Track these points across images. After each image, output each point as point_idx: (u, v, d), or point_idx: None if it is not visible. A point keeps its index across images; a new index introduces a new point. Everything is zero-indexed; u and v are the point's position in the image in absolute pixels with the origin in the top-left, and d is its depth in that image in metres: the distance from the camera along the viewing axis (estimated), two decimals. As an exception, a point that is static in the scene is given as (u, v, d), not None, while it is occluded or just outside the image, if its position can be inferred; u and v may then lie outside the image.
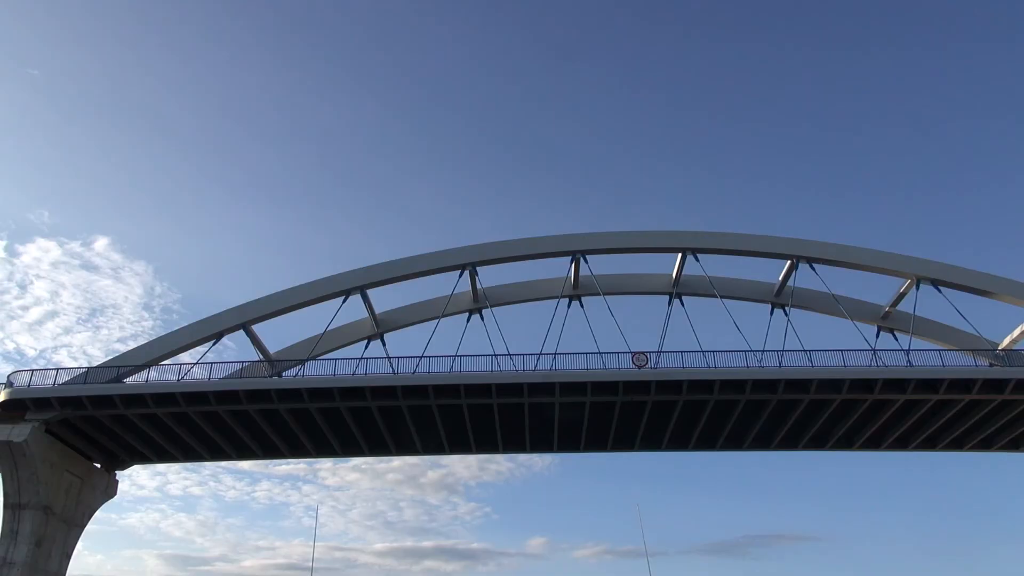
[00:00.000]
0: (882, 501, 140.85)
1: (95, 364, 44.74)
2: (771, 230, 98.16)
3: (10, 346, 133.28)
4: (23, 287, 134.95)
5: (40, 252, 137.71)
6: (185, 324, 47.77)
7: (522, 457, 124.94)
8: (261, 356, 47.98)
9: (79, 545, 46.16)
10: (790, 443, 49.03)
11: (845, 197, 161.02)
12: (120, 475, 50.24)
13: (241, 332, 47.83)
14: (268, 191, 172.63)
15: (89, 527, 47.18)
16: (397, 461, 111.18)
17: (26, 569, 41.11)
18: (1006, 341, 49.33)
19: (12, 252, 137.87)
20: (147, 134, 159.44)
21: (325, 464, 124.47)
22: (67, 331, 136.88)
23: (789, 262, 49.18)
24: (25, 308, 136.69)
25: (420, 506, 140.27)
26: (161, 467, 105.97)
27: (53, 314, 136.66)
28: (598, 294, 49.30)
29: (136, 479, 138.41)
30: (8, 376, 43.76)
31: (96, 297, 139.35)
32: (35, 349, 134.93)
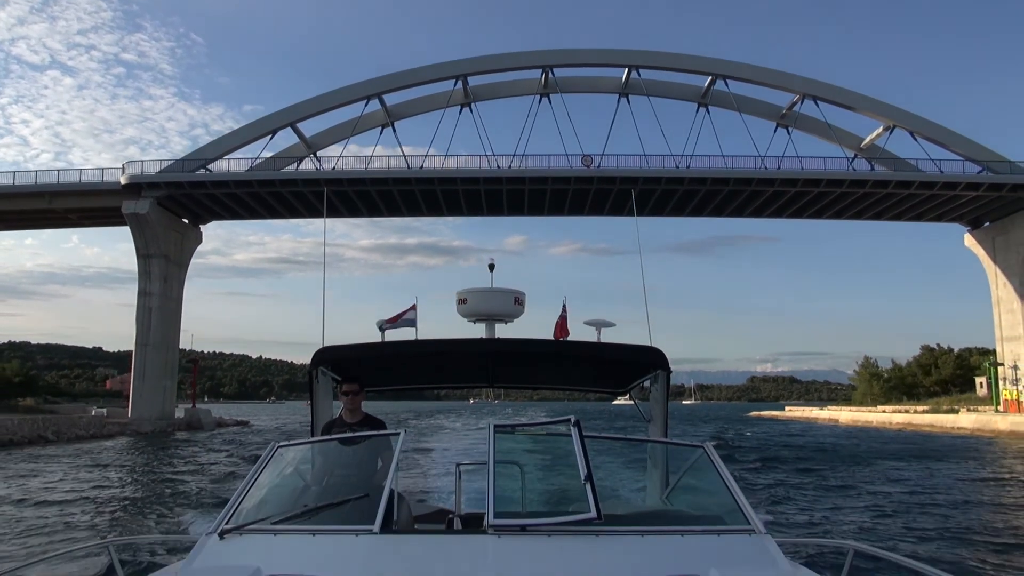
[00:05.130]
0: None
1: (181, 156, 60.06)
2: (698, 50, 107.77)
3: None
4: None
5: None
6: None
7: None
8: (306, 147, 63.08)
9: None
10: (698, 212, 67.04)
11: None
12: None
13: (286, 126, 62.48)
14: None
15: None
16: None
17: (160, 297, 60.26)
18: (867, 140, 65.42)
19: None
20: None
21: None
22: (21, 22, 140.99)
23: (710, 78, 63.09)
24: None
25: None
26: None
27: (3, 3, 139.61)
28: (561, 92, 63.67)
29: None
30: (123, 165, 59.21)
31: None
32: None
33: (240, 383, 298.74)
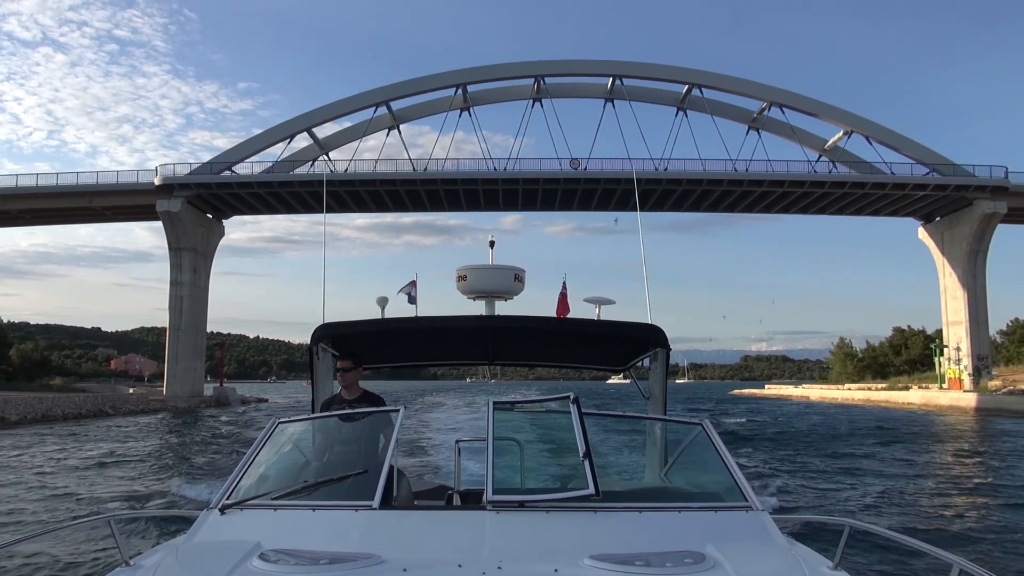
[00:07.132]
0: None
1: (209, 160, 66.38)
2: (676, 60, 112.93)
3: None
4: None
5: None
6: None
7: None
8: (319, 148, 69.40)
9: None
10: (676, 208, 73.69)
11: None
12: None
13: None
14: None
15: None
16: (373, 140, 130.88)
17: (190, 286, 66.82)
18: (829, 143, 71.96)
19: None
20: None
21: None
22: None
23: (687, 87, 69.46)
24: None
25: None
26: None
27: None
28: (552, 98, 70.02)
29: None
30: (157, 167, 65.56)
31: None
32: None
33: (239, 363, 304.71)
